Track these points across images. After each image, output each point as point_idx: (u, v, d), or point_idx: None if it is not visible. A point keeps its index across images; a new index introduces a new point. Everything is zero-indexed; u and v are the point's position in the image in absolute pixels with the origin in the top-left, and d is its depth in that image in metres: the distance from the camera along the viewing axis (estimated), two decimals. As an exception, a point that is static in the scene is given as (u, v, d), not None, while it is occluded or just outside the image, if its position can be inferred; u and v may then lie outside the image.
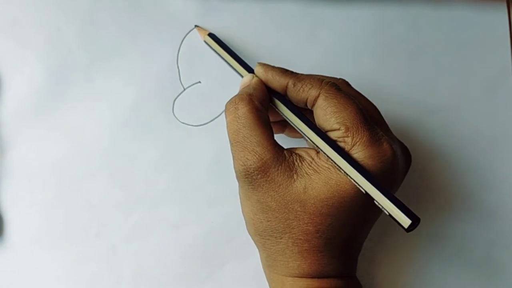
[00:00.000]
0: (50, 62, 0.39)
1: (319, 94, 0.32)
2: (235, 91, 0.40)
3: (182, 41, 0.40)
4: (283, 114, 0.34)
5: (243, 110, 0.32)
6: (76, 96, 0.40)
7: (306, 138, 0.33)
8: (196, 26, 0.40)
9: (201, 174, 0.40)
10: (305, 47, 0.41)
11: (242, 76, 0.37)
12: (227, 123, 0.33)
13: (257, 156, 0.31)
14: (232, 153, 0.33)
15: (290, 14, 0.41)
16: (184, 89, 0.40)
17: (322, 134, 0.32)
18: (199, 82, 0.40)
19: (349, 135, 0.31)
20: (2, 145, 0.39)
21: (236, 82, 0.40)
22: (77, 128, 0.39)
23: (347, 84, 0.35)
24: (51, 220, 0.39)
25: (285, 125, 0.38)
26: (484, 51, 0.42)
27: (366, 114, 0.32)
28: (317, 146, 0.32)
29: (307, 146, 0.36)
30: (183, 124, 0.40)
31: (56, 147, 0.39)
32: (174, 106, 0.40)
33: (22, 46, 0.39)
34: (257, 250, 0.39)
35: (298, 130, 0.33)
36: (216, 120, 0.40)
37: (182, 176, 0.40)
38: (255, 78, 0.35)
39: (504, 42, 0.42)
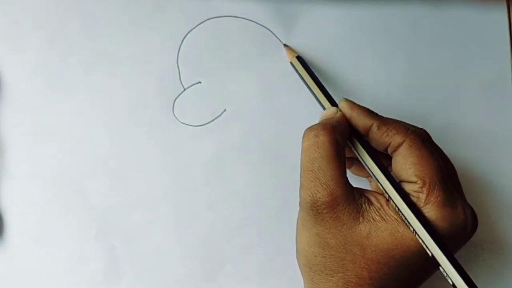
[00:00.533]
0: (50, 62, 0.39)
1: (403, 142, 0.32)
2: (235, 91, 0.40)
3: (182, 41, 0.40)
4: (360, 155, 0.33)
5: (323, 139, 0.32)
6: (76, 96, 0.39)
7: (380, 186, 0.32)
8: (285, 45, 0.40)
9: (201, 174, 0.40)
10: (304, 49, 0.41)
11: (323, 106, 0.36)
12: (302, 149, 0.32)
13: (328, 190, 0.31)
14: (301, 181, 0.32)
15: (290, 16, 0.41)
16: (184, 89, 0.40)
17: (397, 185, 0.31)
18: (199, 82, 0.40)
19: (425, 191, 0.30)
20: (2, 145, 0.39)
21: (236, 83, 0.40)
22: (77, 128, 0.39)
23: (428, 135, 0.34)
24: (51, 220, 0.39)
25: (352, 162, 0.37)
26: (483, 51, 0.42)
27: (446, 174, 0.31)
28: (389, 196, 0.31)
29: (373, 189, 0.36)
30: (183, 124, 0.40)
31: (56, 147, 0.39)
32: (174, 106, 0.40)
33: (22, 46, 0.39)
34: (257, 250, 0.40)
35: (372, 176, 0.33)
36: (216, 120, 0.40)
37: (182, 176, 0.40)
38: (340, 113, 0.34)
39: (504, 41, 0.42)
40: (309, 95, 0.39)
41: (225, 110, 0.40)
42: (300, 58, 0.39)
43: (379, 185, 0.32)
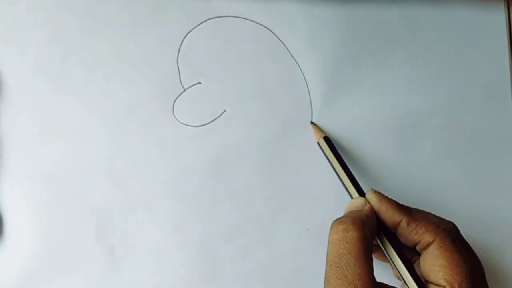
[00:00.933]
0: (50, 62, 0.39)
1: (433, 241, 0.31)
2: (235, 92, 0.40)
3: (182, 41, 0.40)
4: (387, 253, 0.33)
5: (353, 234, 0.31)
6: (76, 96, 0.39)
7: (406, 286, 0.32)
8: (312, 123, 0.40)
9: (201, 174, 0.40)
10: (304, 49, 0.41)
11: (349, 193, 0.36)
12: (330, 242, 0.32)
13: None
14: (327, 275, 0.31)
15: (290, 16, 0.41)
16: (184, 90, 0.40)
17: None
18: (199, 82, 0.40)
19: None
20: (2, 145, 0.39)
21: (236, 84, 0.40)
22: (77, 128, 0.39)
23: (457, 231, 0.33)
24: (50, 221, 0.39)
25: (376, 249, 0.36)
26: (482, 51, 0.42)
27: (475, 278, 0.31)
28: None
29: (395, 276, 0.36)
30: (183, 125, 0.40)
31: (56, 147, 0.39)
32: (174, 107, 0.40)
33: (22, 46, 0.39)
34: (257, 250, 0.40)
35: (399, 275, 0.32)
36: (216, 121, 0.40)
37: (182, 176, 0.40)
38: (368, 206, 0.34)
39: (503, 41, 0.42)
40: (312, 92, 0.39)
41: (225, 110, 0.40)
42: (327, 139, 0.38)
43: (405, 287, 0.32)
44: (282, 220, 0.40)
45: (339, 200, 0.40)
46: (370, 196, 0.34)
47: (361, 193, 0.35)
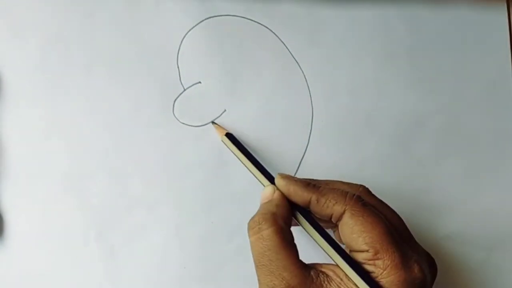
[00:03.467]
0: (50, 62, 0.39)
1: (344, 211, 0.31)
2: (236, 92, 0.40)
3: (182, 41, 0.40)
4: (306, 231, 0.33)
5: (267, 231, 0.31)
6: (76, 96, 0.39)
7: (333, 260, 0.32)
8: (213, 122, 0.40)
9: (201, 174, 0.40)
10: (305, 49, 0.41)
11: (261, 182, 0.36)
12: (250, 243, 0.32)
13: (284, 282, 0.30)
14: (257, 276, 0.32)
15: (291, 15, 0.41)
16: (184, 90, 0.40)
17: (348, 258, 0.31)
18: (199, 82, 0.40)
19: (380, 257, 0.30)
20: (2, 145, 0.39)
21: (236, 83, 0.40)
22: (77, 128, 0.39)
23: (368, 192, 0.34)
24: (50, 221, 0.39)
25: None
26: (484, 51, 0.42)
27: (394, 232, 0.31)
28: (343, 270, 0.31)
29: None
30: (183, 125, 0.40)
31: (56, 147, 0.39)
32: (174, 107, 0.40)
33: (22, 46, 0.39)
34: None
35: (322, 249, 0.32)
36: (216, 120, 0.40)
37: (182, 176, 0.40)
38: (277, 193, 0.34)
39: (504, 41, 0.42)
40: (313, 92, 0.39)
41: (225, 110, 0.40)
42: (230, 135, 0.39)
43: (332, 260, 0.32)
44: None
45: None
46: (278, 181, 0.34)
47: (272, 180, 0.35)
